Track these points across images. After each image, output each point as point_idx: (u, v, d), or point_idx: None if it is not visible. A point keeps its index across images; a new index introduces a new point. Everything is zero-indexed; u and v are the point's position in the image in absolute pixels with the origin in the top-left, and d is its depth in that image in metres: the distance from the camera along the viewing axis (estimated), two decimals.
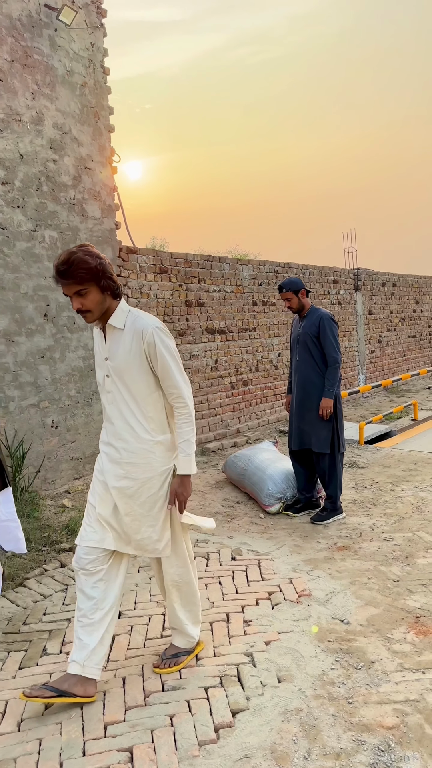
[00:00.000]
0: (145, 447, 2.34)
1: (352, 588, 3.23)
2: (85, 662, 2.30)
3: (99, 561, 2.35)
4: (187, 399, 2.35)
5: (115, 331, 2.32)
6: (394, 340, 11.17)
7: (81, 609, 2.34)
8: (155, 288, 5.99)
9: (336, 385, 4.20)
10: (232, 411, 7.11)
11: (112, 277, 2.27)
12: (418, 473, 5.48)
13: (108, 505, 2.38)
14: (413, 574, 3.37)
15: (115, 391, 2.35)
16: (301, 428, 4.35)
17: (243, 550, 3.75)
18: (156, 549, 2.42)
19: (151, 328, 2.27)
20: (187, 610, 2.57)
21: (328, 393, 4.17)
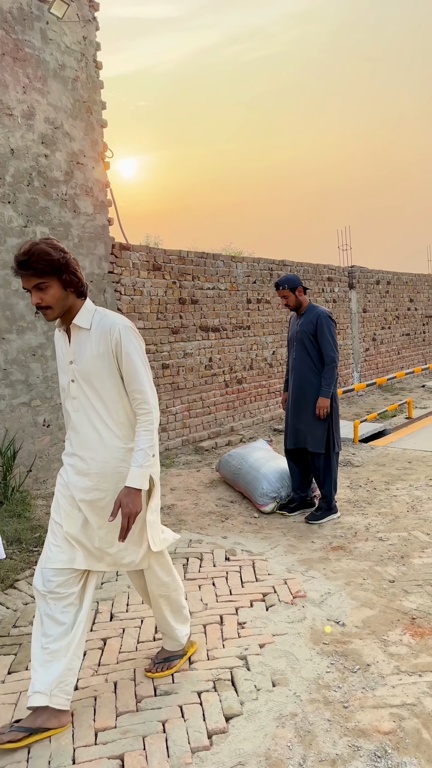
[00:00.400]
0: (116, 455, 2.17)
1: (347, 589, 3.19)
2: (52, 691, 2.10)
3: (69, 583, 2.17)
4: (152, 405, 2.16)
5: (80, 332, 2.16)
6: (388, 338, 11.15)
7: (49, 635, 2.13)
8: (148, 285, 5.93)
9: (333, 384, 4.15)
10: (227, 409, 7.06)
11: (77, 273, 2.12)
12: (413, 472, 5.45)
13: (76, 521, 2.20)
14: (409, 575, 3.33)
15: (81, 397, 2.18)
16: (297, 427, 4.31)
17: (237, 551, 3.70)
18: (132, 562, 2.27)
19: (118, 326, 2.13)
20: (176, 614, 2.49)
21: (324, 392, 4.12)
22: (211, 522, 4.31)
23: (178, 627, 2.49)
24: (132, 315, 5.76)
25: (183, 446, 6.30)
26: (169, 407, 6.20)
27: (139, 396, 2.15)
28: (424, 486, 4.97)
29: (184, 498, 4.81)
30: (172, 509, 4.55)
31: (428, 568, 3.39)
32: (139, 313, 5.83)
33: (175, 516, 4.41)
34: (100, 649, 2.70)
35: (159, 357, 6.07)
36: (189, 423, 6.47)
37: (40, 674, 2.12)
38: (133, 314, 5.77)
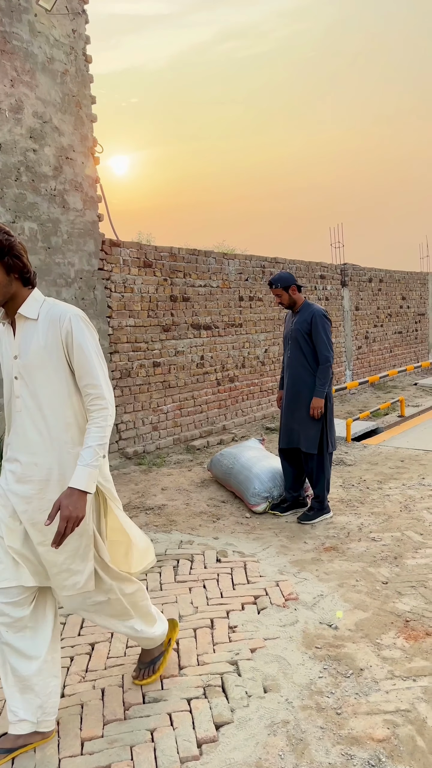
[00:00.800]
0: (64, 460, 1.96)
1: (340, 591, 3.14)
2: (39, 718, 2.02)
3: (20, 604, 1.97)
4: (108, 401, 1.96)
5: (26, 323, 1.95)
6: (380, 336, 11.13)
7: (12, 665, 1.99)
8: (139, 282, 5.86)
9: (327, 384, 4.10)
10: (218, 408, 7.01)
11: (22, 258, 1.94)
12: (406, 470, 5.42)
13: (18, 534, 1.99)
14: (402, 576, 3.29)
15: (25, 396, 1.95)
16: (291, 426, 4.26)
17: (228, 552, 3.65)
18: (77, 583, 2.01)
19: (69, 315, 1.94)
20: (145, 618, 2.29)
21: (318, 392, 4.07)
22: (202, 522, 4.26)
23: (150, 628, 2.31)
24: (122, 312, 5.68)
25: (174, 445, 6.24)
26: (160, 406, 6.14)
27: (93, 391, 1.95)
28: (417, 485, 4.93)
29: (175, 498, 4.75)
30: (162, 509, 4.49)
31: (421, 569, 3.35)
32: (130, 311, 5.76)
33: (166, 516, 4.35)
34: (87, 655, 2.64)
35: (150, 355, 6.00)
36: (180, 422, 6.41)
37: (19, 701, 2.01)
38: (124, 312, 5.70)
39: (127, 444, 5.75)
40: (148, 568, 2.27)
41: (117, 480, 5.20)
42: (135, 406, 5.84)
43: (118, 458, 5.62)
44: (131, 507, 4.53)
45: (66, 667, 2.55)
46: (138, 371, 5.86)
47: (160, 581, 3.28)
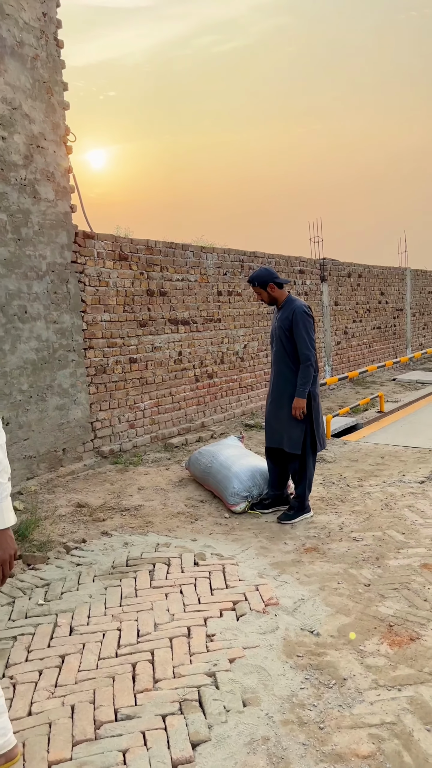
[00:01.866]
0: None
1: (321, 594, 3.04)
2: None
3: None
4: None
5: None
6: (359, 331, 11.10)
7: None
8: (114, 276, 5.68)
9: (309, 383, 3.97)
10: (197, 405, 6.88)
11: None
12: (386, 467, 5.36)
13: None
14: (385, 578, 3.20)
15: None
16: (274, 426, 4.16)
17: (206, 554, 3.53)
18: None
19: None
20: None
21: (300, 392, 3.95)
22: (180, 523, 4.13)
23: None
24: (97, 307, 5.51)
25: (152, 443, 6.10)
26: (137, 403, 5.98)
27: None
28: (398, 482, 4.87)
29: (152, 498, 4.61)
30: (139, 510, 4.34)
31: (404, 570, 3.27)
32: (105, 305, 5.58)
33: (143, 517, 4.21)
34: (57, 668, 2.50)
35: (126, 351, 5.84)
36: (158, 419, 6.26)
37: None
38: (99, 306, 5.52)
39: (102, 442, 5.59)
40: None
41: (92, 480, 5.04)
42: (111, 403, 5.68)
43: (94, 457, 5.45)
44: (106, 508, 4.38)
45: (34, 683, 2.40)
46: (114, 367, 5.70)
47: (135, 587, 3.14)
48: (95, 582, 3.22)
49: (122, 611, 2.91)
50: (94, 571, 3.34)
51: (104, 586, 3.16)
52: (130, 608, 2.93)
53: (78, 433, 5.36)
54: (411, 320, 13.45)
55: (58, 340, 5.18)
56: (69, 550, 3.63)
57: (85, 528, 4.01)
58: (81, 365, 5.37)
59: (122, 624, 2.79)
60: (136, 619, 2.83)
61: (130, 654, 2.55)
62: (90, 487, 4.87)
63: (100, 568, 3.36)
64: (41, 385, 5.04)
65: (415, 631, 2.67)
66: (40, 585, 3.18)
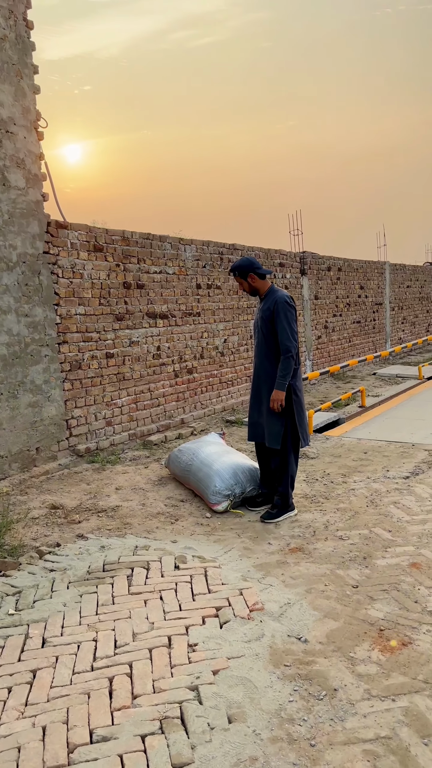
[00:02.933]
0: None
1: (308, 597, 2.91)
2: None
3: None
4: None
5: None
6: (339, 325, 11.03)
7: None
8: (89, 267, 5.47)
9: (289, 375, 3.84)
10: (176, 401, 6.70)
11: None
12: (370, 463, 5.26)
13: None
14: (373, 578, 3.09)
15: None
16: (256, 420, 4.03)
17: (188, 557, 3.37)
18: None
19: None
20: None
21: (279, 384, 3.82)
22: (159, 524, 3.97)
23: None
24: (71, 300, 5.30)
25: (130, 441, 5.91)
26: (114, 399, 5.79)
27: None
28: (382, 478, 4.77)
29: (131, 498, 4.44)
30: (116, 511, 4.17)
31: (393, 570, 3.16)
32: (80, 298, 5.37)
33: (120, 519, 4.03)
34: (28, 684, 2.32)
35: (103, 345, 5.64)
36: (136, 416, 6.07)
37: None
38: (73, 299, 5.31)
39: (78, 441, 5.39)
40: None
41: (67, 480, 4.84)
42: (87, 400, 5.48)
43: (69, 456, 5.25)
44: (82, 509, 4.19)
45: (2, 701, 2.22)
46: (89, 363, 5.50)
47: (112, 593, 2.97)
48: (70, 589, 3.04)
49: (98, 620, 2.74)
50: (69, 577, 3.16)
51: (79, 594, 2.99)
52: (107, 617, 2.76)
53: (52, 431, 5.15)
54: (390, 314, 13.44)
55: (30, 335, 4.96)
56: (42, 555, 3.44)
57: (60, 531, 3.82)
58: (55, 360, 5.16)
59: (98, 634, 2.62)
60: (113, 629, 2.66)
61: (107, 667, 2.38)
62: (65, 487, 4.68)
63: (75, 574, 3.18)
64: (12, 381, 4.81)
65: (406, 636, 2.55)
66: (11, 593, 2.99)
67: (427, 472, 4.87)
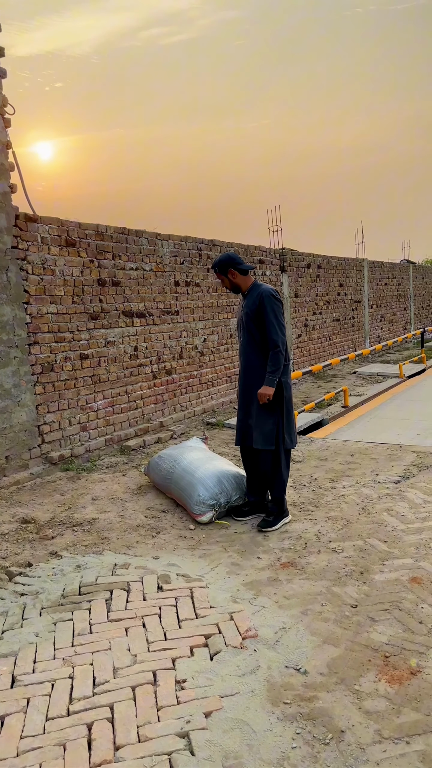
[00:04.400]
0: None
1: (304, 620, 2.68)
2: None
3: None
4: None
5: None
6: (319, 323, 10.86)
7: None
8: (61, 263, 5.16)
9: (279, 371, 3.64)
10: (155, 403, 6.42)
11: None
12: (358, 466, 5.06)
13: None
14: (373, 596, 2.87)
15: None
16: (245, 422, 3.79)
17: (171, 576, 3.11)
18: None
19: None
20: None
21: (269, 380, 3.61)
22: (139, 538, 3.69)
23: None
24: (42, 298, 4.98)
25: (107, 446, 5.62)
26: (89, 403, 5.48)
27: None
28: (372, 482, 4.58)
29: (108, 509, 4.15)
30: (93, 524, 3.88)
31: (392, 587, 2.95)
32: (51, 296, 5.06)
33: (97, 533, 3.75)
34: None
35: (76, 346, 5.33)
36: (113, 420, 5.78)
37: None
38: (44, 297, 4.99)
39: (51, 447, 5.07)
40: None
41: (40, 490, 4.54)
42: (60, 404, 5.16)
43: (41, 464, 4.94)
44: (56, 523, 3.90)
45: None
46: (62, 365, 5.19)
47: (89, 621, 2.69)
48: (43, 616, 2.76)
49: (75, 653, 2.47)
50: (42, 602, 2.87)
51: (53, 621, 2.70)
52: (84, 648, 2.49)
53: (23, 438, 4.83)
54: (369, 312, 13.34)
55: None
56: (12, 576, 3.15)
57: (32, 548, 3.52)
58: (25, 363, 4.84)
59: (75, 670, 2.35)
60: (91, 663, 2.39)
61: (85, 711, 2.12)
62: (38, 498, 4.37)
63: (49, 598, 2.90)
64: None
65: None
66: None
67: (418, 475, 4.70)
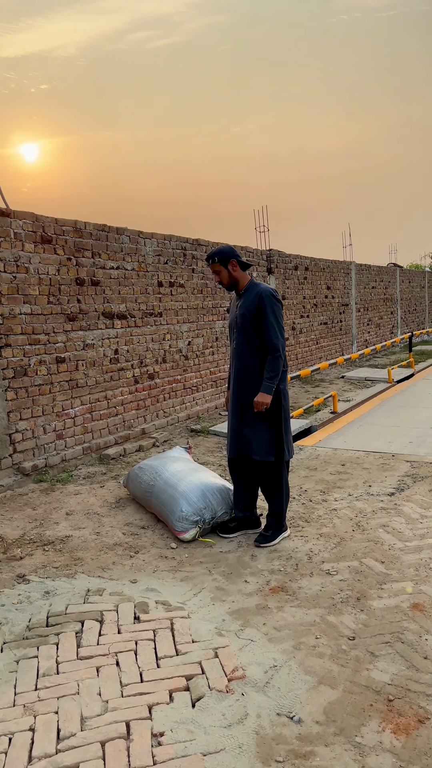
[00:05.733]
0: None
1: (297, 656, 2.41)
2: None
3: None
4: None
5: None
6: (307, 327, 10.64)
7: None
8: (36, 261, 4.85)
9: (278, 377, 3.38)
10: (136, 409, 6.13)
11: None
12: (349, 476, 4.82)
13: None
14: (371, 626, 2.61)
15: None
16: (240, 431, 3.51)
17: (150, 603, 2.82)
18: None
19: None
20: None
21: (266, 387, 3.34)
22: (116, 558, 3.40)
23: None
24: (15, 297, 4.66)
25: (84, 455, 5.31)
26: (66, 409, 5.17)
27: None
28: (365, 495, 4.33)
29: (83, 525, 3.85)
30: (66, 543, 3.58)
31: (392, 614, 2.69)
32: (25, 295, 4.74)
33: (70, 552, 3.45)
34: None
35: (52, 349, 5.02)
36: (91, 427, 5.47)
37: None
38: (17, 296, 4.68)
39: (24, 457, 4.75)
40: None
41: (10, 504, 4.22)
42: (34, 410, 4.85)
43: (13, 475, 4.61)
44: (25, 541, 3.58)
45: None
46: (37, 369, 4.87)
47: (56, 658, 2.40)
48: (4, 652, 2.46)
49: (38, 698, 2.17)
50: (5, 634, 2.57)
51: (15, 659, 2.40)
52: (49, 693, 2.19)
53: None
54: (356, 316, 13.16)
55: None
56: None
57: None
58: None
59: (37, 720, 2.06)
60: (56, 711, 2.10)
61: None
62: (7, 513, 4.05)
63: (12, 631, 2.59)
64: None
65: (421, 708, 2.08)
66: None
67: (413, 487, 4.46)
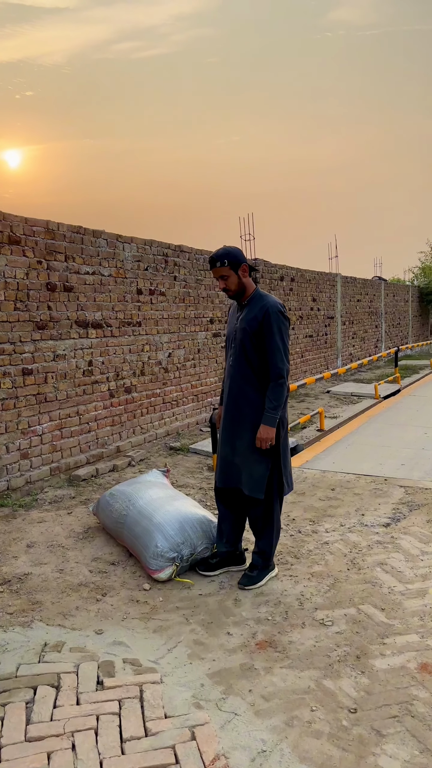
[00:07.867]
0: None
1: (290, 735, 2.01)
2: None
3: None
4: None
5: None
6: (293, 340, 10.32)
7: None
8: (2, 264, 4.43)
9: (281, 408, 2.98)
10: (111, 425, 5.71)
11: None
12: (340, 503, 4.45)
13: None
14: (375, 694, 2.23)
15: None
16: (229, 460, 3.11)
17: (116, 663, 2.41)
18: None
19: None
20: None
21: (268, 419, 2.94)
22: (80, 602, 2.97)
23: None
24: None
25: (52, 476, 4.87)
26: (32, 426, 4.73)
27: None
28: (358, 525, 3.96)
29: (45, 560, 3.42)
30: (24, 582, 3.14)
31: (398, 678, 2.31)
32: None
33: (28, 594, 3.01)
34: None
35: (18, 360, 4.59)
36: (60, 445, 5.04)
37: None
38: None
39: None
40: None
41: None
42: None
43: None
44: None
45: None
46: (1, 381, 4.44)
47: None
48: None
49: None
50: None
51: None
52: None
53: None
54: (341, 329, 12.90)
55: None
56: None
57: None
58: None
59: None
60: None
61: None
62: None
63: None
64: None
65: None
66: None
67: (409, 516, 4.11)
